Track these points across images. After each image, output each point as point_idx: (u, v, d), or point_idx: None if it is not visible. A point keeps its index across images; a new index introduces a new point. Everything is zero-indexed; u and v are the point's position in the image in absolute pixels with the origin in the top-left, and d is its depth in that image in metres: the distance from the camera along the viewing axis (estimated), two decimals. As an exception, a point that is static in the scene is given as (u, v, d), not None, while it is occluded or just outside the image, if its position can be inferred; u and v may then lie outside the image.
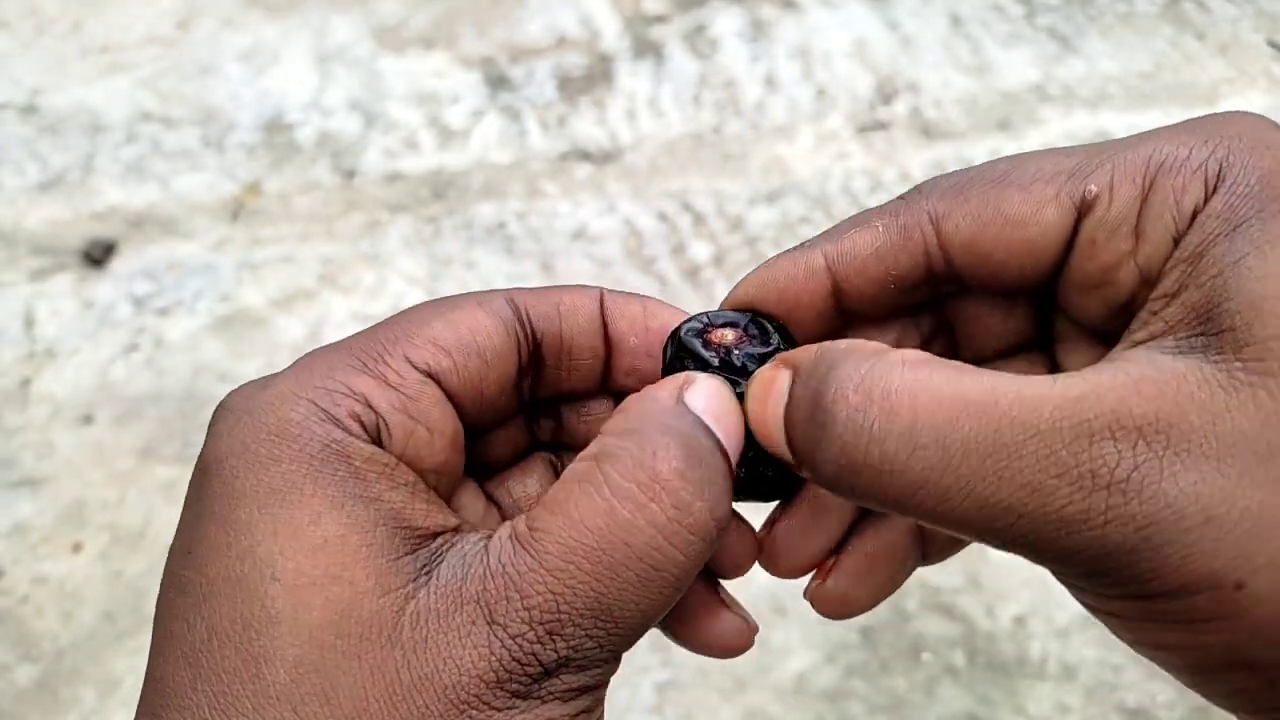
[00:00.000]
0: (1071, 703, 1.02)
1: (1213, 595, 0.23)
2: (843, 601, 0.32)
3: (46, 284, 1.45)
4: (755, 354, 0.30)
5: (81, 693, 1.07)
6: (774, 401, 0.27)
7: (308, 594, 0.24)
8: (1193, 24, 1.77)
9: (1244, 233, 0.24)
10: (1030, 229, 0.28)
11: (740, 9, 1.83)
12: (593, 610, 0.25)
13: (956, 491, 0.24)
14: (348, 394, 0.27)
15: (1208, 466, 0.22)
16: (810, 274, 0.30)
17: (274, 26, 1.83)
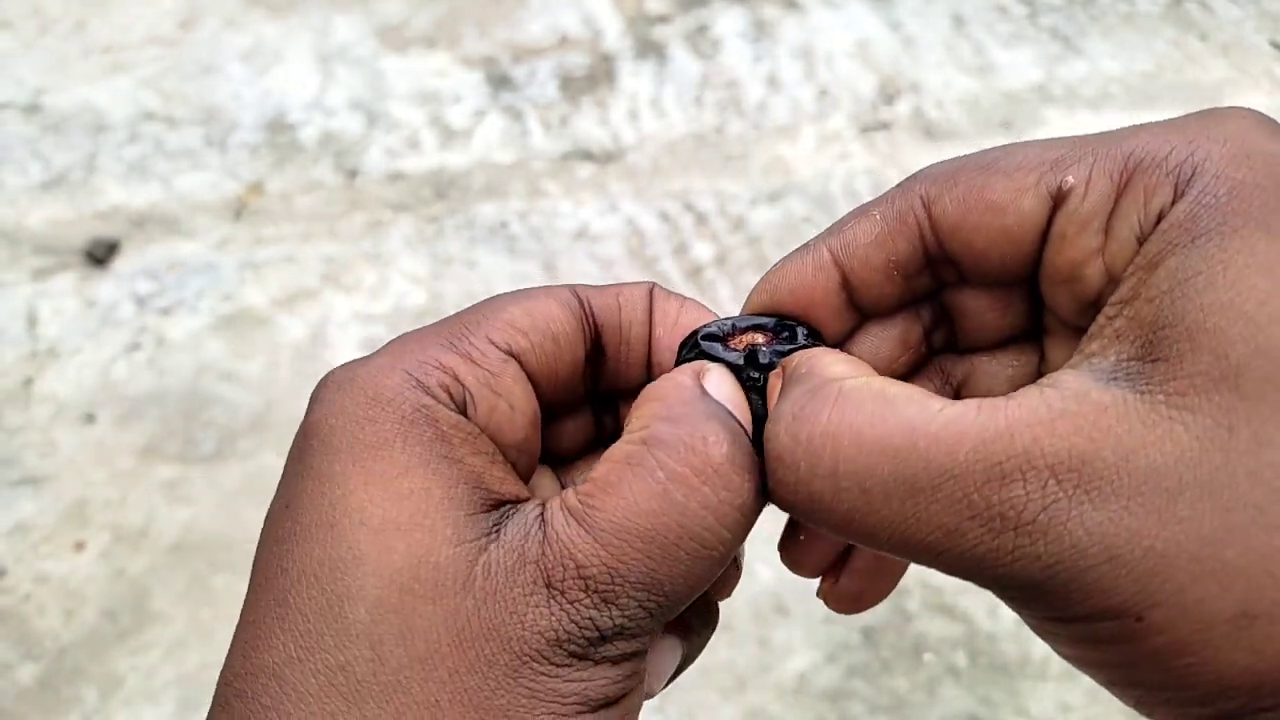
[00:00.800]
0: (1073, 703, 1.02)
1: (1116, 625, 0.24)
2: (856, 600, 0.33)
3: (49, 283, 1.45)
4: (783, 350, 0.30)
5: (83, 691, 1.07)
6: None
7: (392, 538, 0.26)
8: (1195, 24, 1.77)
9: (1201, 247, 0.24)
10: (1008, 216, 0.28)
11: (742, 9, 1.83)
12: (645, 584, 0.26)
13: (880, 530, 0.25)
14: (438, 367, 0.29)
15: (1116, 505, 0.23)
16: (818, 269, 0.31)
17: (276, 26, 1.83)
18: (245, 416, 1.28)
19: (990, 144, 1.18)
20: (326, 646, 0.26)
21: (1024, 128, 1.60)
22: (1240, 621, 0.23)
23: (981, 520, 0.24)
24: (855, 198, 1.51)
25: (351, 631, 0.26)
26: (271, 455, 1.25)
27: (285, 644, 0.26)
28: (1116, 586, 0.23)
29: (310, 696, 0.25)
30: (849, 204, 1.50)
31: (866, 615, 1.08)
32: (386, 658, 0.25)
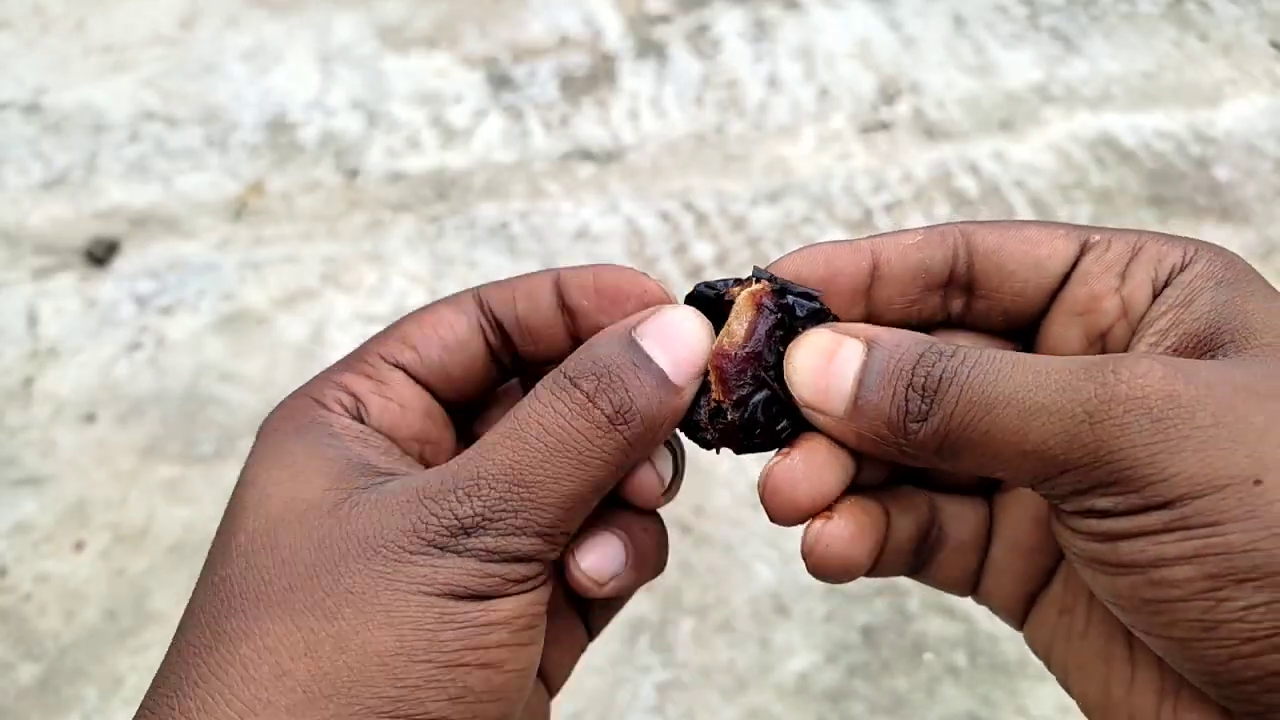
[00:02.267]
0: (1073, 703, 1.02)
1: (1233, 491, 0.26)
2: (839, 550, 0.34)
3: (49, 283, 1.45)
4: (810, 307, 0.34)
5: (84, 691, 1.07)
6: (844, 357, 0.32)
7: (271, 489, 0.32)
8: (1196, 25, 1.77)
9: (1224, 287, 0.31)
10: (1042, 248, 0.34)
11: (743, 9, 1.83)
12: (507, 476, 0.30)
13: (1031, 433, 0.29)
14: (334, 386, 0.35)
15: (1219, 391, 0.27)
16: (855, 251, 0.35)
17: (277, 26, 1.83)
18: (245, 416, 1.28)
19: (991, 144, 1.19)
20: (214, 568, 0.32)
21: (1024, 128, 1.60)
22: None
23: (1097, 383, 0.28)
24: (855, 198, 1.51)
25: (232, 554, 0.31)
26: (272, 455, 1.25)
27: (196, 585, 0.32)
28: (1232, 448, 0.26)
29: (198, 608, 0.31)
30: (849, 204, 1.50)
31: (866, 615, 1.08)
32: (256, 566, 0.30)
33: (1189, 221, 1.45)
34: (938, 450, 0.30)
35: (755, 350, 0.34)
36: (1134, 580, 0.28)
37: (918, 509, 0.36)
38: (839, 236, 1.45)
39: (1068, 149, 1.57)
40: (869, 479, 0.36)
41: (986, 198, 1.50)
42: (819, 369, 0.32)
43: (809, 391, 0.33)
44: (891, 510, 0.35)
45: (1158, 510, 0.27)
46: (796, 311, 0.33)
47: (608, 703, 1.03)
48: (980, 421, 0.29)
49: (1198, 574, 0.26)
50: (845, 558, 0.34)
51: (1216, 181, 1.51)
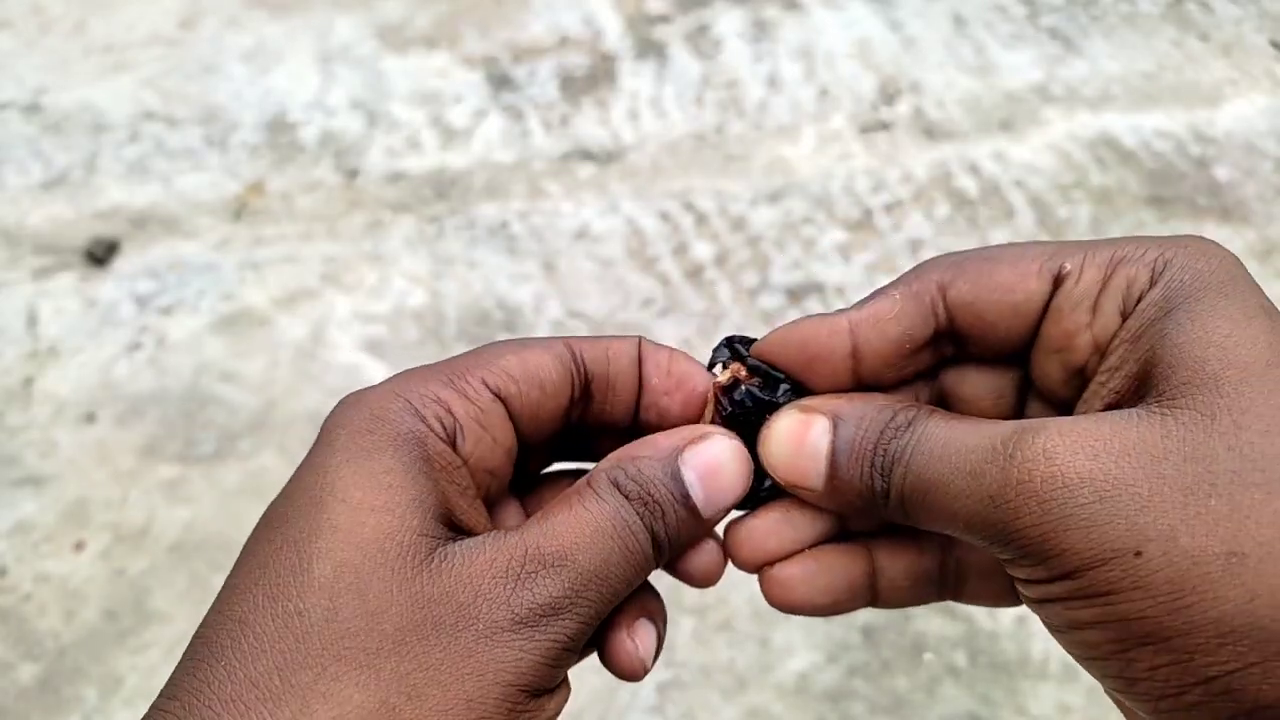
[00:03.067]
0: (1073, 703, 1.02)
1: (1117, 563, 0.27)
2: (785, 585, 0.36)
3: (49, 283, 1.45)
4: (760, 398, 0.36)
5: (84, 691, 1.07)
6: (813, 440, 0.34)
7: (365, 515, 0.30)
8: (1196, 25, 1.77)
9: (1173, 316, 0.30)
10: (1017, 294, 0.34)
11: (743, 9, 1.83)
12: (591, 565, 0.31)
13: (958, 512, 0.31)
14: (435, 400, 0.34)
15: (1106, 460, 0.28)
16: (833, 332, 0.35)
17: (277, 26, 1.83)
18: (245, 416, 1.28)
19: (991, 144, 1.20)
20: (289, 595, 0.29)
21: (1024, 128, 1.60)
22: (1230, 560, 0.26)
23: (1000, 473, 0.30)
24: (855, 198, 1.51)
25: (314, 584, 0.29)
26: (271, 455, 1.25)
27: (255, 596, 0.29)
28: (1111, 524, 0.27)
29: (266, 637, 0.28)
30: (849, 204, 1.50)
31: (867, 614, 1.08)
32: (340, 608, 0.29)
33: (1189, 222, 1.45)
34: (903, 519, 0.33)
35: None
36: (1068, 640, 0.30)
37: (922, 549, 0.38)
38: (840, 237, 1.46)
39: (1068, 149, 1.57)
40: (860, 525, 0.38)
41: (986, 198, 1.50)
42: (792, 452, 0.35)
43: (787, 474, 0.35)
44: (879, 554, 0.37)
45: (1062, 580, 0.29)
46: (746, 404, 0.36)
47: (608, 702, 1.03)
48: (923, 500, 0.31)
49: (1106, 638, 0.28)
50: (791, 601, 0.36)
51: (1216, 181, 1.51)
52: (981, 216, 1.48)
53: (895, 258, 1.42)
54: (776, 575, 0.36)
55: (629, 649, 0.35)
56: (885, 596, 0.37)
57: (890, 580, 0.37)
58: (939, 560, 0.37)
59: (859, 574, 0.37)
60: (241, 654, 0.28)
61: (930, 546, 0.37)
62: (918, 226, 1.46)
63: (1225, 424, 0.28)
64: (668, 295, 1.39)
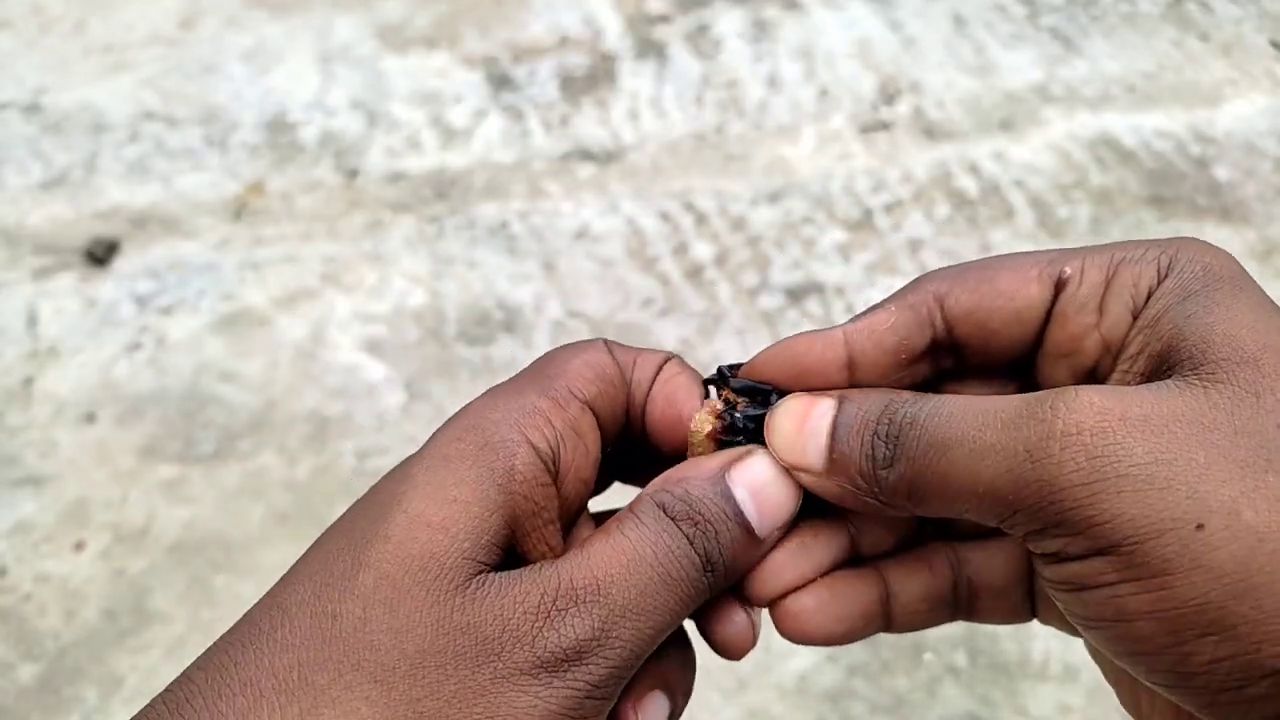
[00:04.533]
0: (1073, 703, 1.02)
1: (1175, 536, 0.25)
2: (798, 618, 0.35)
3: (49, 283, 1.45)
4: (755, 414, 0.35)
5: (84, 691, 1.07)
6: (817, 416, 0.33)
7: (419, 530, 0.30)
8: (1196, 24, 1.77)
9: (1192, 300, 0.30)
10: (1018, 300, 0.33)
11: (743, 9, 1.83)
12: (624, 599, 0.30)
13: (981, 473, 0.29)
14: (535, 411, 0.33)
15: (1156, 425, 0.26)
16: (828, 345, 0.34)
17: (277, 26, 1.83)
18: (245, 416, 1.28)
19: (991, 144, 1.20)
20: (331, 597, 0.30)
21: (1024, 128, 1.60)
22: None
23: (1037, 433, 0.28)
24: (855, 198, 1.51)
25: (355, 591, 0.29)
26: (271, 455, 1.25)
27: (303, 589, 0.30)
28: (1170, 490, 0.25)
29: (299, 631, 0.29)
30: (849, 204, 1.50)
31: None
32: (371, 619, 0.29)
33: (1189, 222, 1.45)
34: (907, 496, 0.31)
35: None
36: (1107, 635, 0.28)
37: (934, 570, 0.36)
38: (840, 237, 1.46)
39: (1068, 149, 1.57)
40: (872, 547, 0.36)
41: (986, 198, 1.50)
42: (795, 429, 0.33)
43: (789, 453, 0.33)
44: (892, 577, 0.36)
45: (1106, 556, 0.26)
46: (739, 427, 0.35)
47: (608, 703, 1.03)
48: (938, 464, 0.29)
49: (1159, 630, 0.26)
50: (806, 632, 0.35)
51: (1216, 181, 1.51)
52: (981, 216, 1.48)
53: (895, 258, 1.42)
54: (790, 607, 0.35)
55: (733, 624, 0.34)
56: (899, 620, 0.36)
57: (904, 604, 0.36)
58: (950, 581, 0.36)
59: (873, 600, 0.35)
60: (273, 642, 0.29)
61: (941, 565, 0.36)
62: (918, 226, 1.46)
63: (1270, 402, 0.26)
64: (668, 295, 1.39)
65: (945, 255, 1.42)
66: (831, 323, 1.35)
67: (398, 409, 1.28)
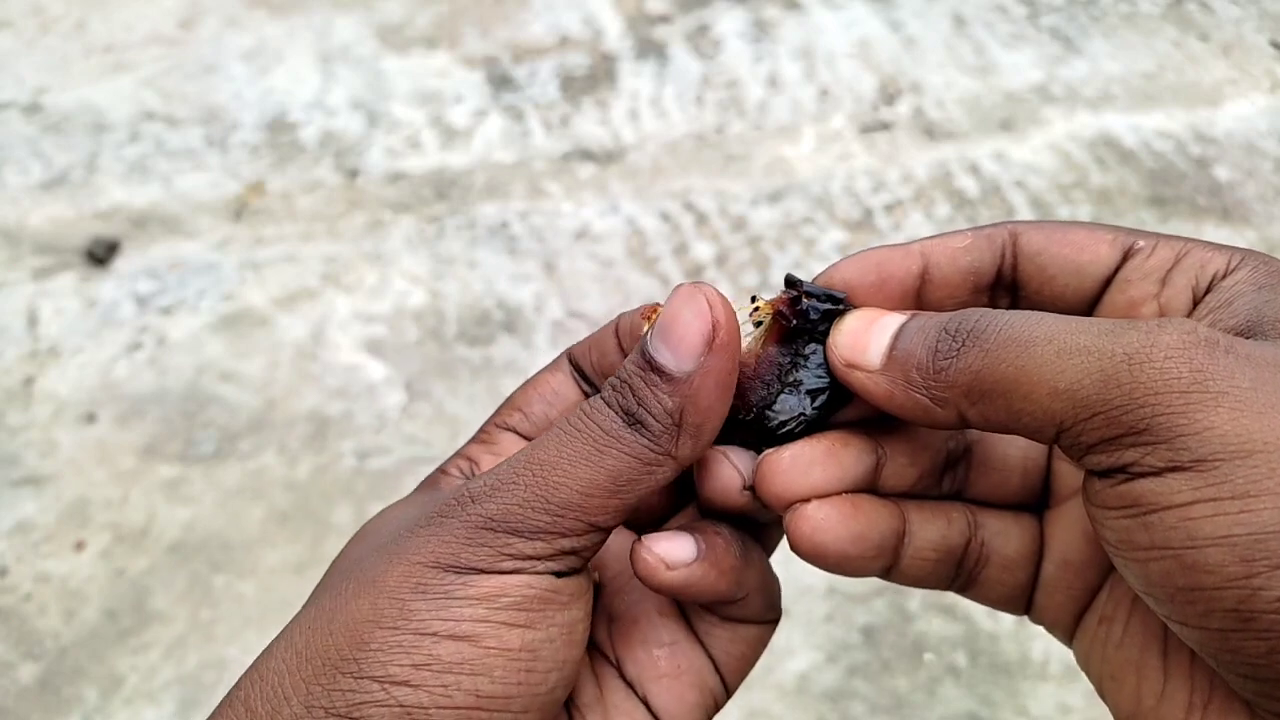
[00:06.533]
0: (1073, 703, 1.02)
1: (1265, 459, 0.25)
2: (818, 526, 0.34)
3: (50, 283, 1.45)
4: (825, 310, 0.35)
5: (84, 691, 1.07)
6: (883, 324, 0.33)
7: (380, 524, 0.36)
8: (1196, 25, 1.77)
9: (1266, 290, 0.30)
10: (1085, 254, 0.34)
11: (743, 9, 1.83)
12: (525, 457, 0.32)
13: (1066, 370, 0.28)
14: (460, 458, 0.39)
15: (1257, 360, 0.27)
16: (906, 255, 0.36)
17: (277, 26, 1.83)
18: (245, 416, 1.28)
19: (991, 144, 1.20)
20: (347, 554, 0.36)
21: (1024, 128, 1.60)
22: None
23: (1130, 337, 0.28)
24: (856, 198, 1.51)
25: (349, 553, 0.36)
26: (271, 455, 1.25)
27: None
28: (1268, 415, 0.25)
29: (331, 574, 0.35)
30: (850, 204, 1.50)
31: (866, 615, 1.08)
32: (329, 572, 0.35)
33: (1189, 222, 1.45)
34: (966, 392, 0.30)
35: (772, 355, 0.36)
36: (1167, 566, 0.27)
37: (951, 522, 0.36)
38: (839, 237, 1.46)
39: (1068, 149, 1.56)
40: (894, 484, 0.36)
41: (986, 198, 1.50)
42: (860, 331, 0.34)
43: (847, 350, 0.34)
44: (912, 516, 0.36)
45: (1185, 471, 0.26)
46: (810, 315, 0.35)
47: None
48: (1016, 357, 0.29)
49: (1231, 558, 0.25)
50: (821, 543, 0.34)
51: (1216, 181, 1.51)
52: (982, 216, 1.48)
53: (895, 258, 1.43)
54: (811, 514, 0.34)
55: (640, 553, 0.34)
56: (906, 565, 0.36)
57: (917, 548, 0.35)
58: (964, 540, 0.36)
59: (891, 530, 0.35)
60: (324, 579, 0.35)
61: (959, 521, 0.36)
62: (918, 226, 1.46)
63: None
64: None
65: (945, 255, 1.42)
66: (832, 323, 1.35)
67: (398, 409, 1.28)
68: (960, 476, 0.37)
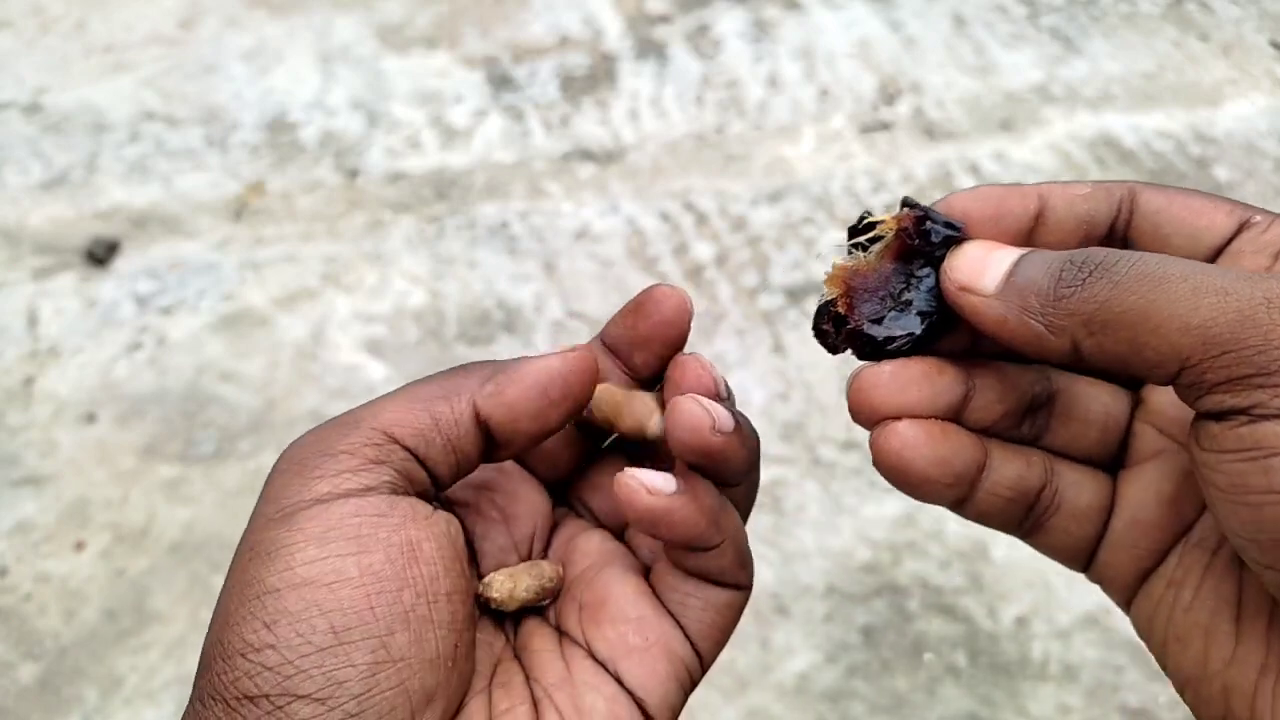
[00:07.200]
0: (1073, 703, 1.02)
1: None
2: (908, 444, 0.34)
3: (50, 283, 1.45)
4: (948, 235, 0.36)
5: (84, 691, 1.07)
6: (1000, 255, 0.33)
7: None
8: (1196, 25, 1.77)
9: None
10: (1203, 219, 0.34)
11: (743, 9, 1.83)
12: None
13: (1200, 308, 0.29)
14: None
15: None
16: (1025, 195, 0.36)
17: (277, 26, 1.83)
18: (245, 416, 1.28)
19: (991, 144, 1.19)
20: None
21: (1024, 128, 1.60)
22: None
23: None
24: (856, 198, 1.51)
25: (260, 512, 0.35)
26: (271, 455, 1.25)
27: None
28: None
29: None
30: (850, 204, 1.50)
31: (866, 615, 1.08)
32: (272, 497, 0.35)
33: (1189, 221, 1.45)
34: (1087, 321, 0.30)
35: (887, 271, 0.36)
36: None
37: (1030, 464, 0.36)
38: (839, 237, 1.45)
39: (1068, 149, 1.56)
40: (978, 419, 0.36)
41: (987, 198, 1.50)
42: (979, 257, 0.34)
43: (964, 274, 0.34)
44: (993, 452, 0.36)
45: None
46: (932, 237, 0.35)
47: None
48: (1149, 290, 0.29)
49: None
50: (907, 460, 0.34)
51: (1216, 181, 1.51)
52: (982, 216, 1.48)
53: (895, 258, 1.43)
54: (902, 431, 0.34)
55: (623, 479, 0.35)
56: (979, 500, 0.36)
57: (995, 482, 0.36)
58: (1040, 484, 0.36)
59: (973, 462, 0.35)
60: None
61: (1037, 465, 0.36)
62: (918, 226, 1.46)
63: None
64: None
65: (945, 255, 1.43)
66: (831, 323, 1.35)
67: (398, 409, 1.28)
68: (1040, 424, 0.37)
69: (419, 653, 0.31)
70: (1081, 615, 1.07)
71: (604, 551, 0.38)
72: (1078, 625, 1.07)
